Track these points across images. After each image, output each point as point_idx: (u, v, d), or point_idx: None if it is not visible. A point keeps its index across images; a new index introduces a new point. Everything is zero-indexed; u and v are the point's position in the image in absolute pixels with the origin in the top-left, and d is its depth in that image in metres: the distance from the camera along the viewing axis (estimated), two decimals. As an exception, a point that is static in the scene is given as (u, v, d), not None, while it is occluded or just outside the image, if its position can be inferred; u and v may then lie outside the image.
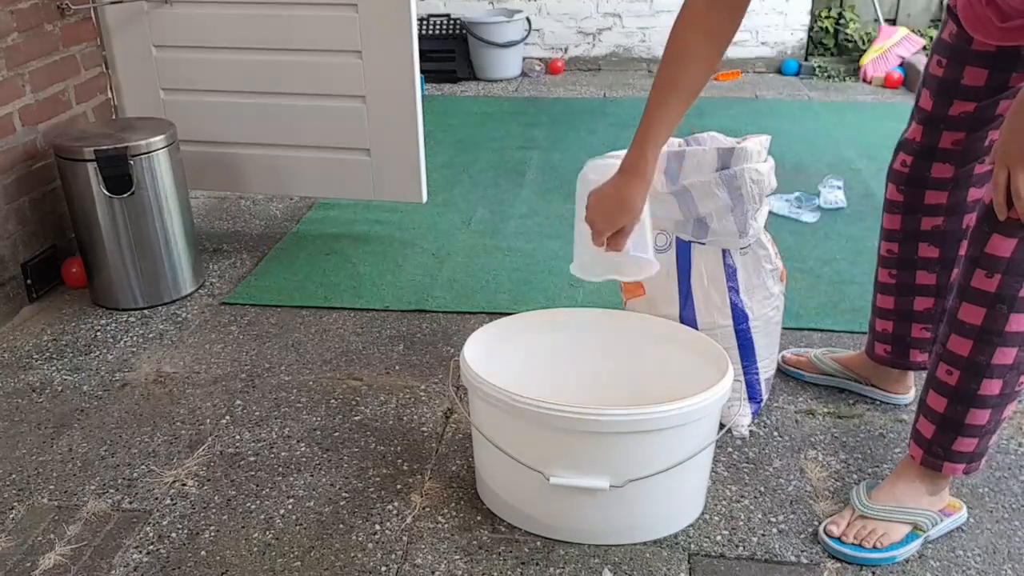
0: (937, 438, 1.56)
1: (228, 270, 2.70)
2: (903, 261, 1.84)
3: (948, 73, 1.65)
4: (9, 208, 2.43)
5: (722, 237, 1.78)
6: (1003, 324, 1.44)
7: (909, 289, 1.86)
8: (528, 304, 2.43)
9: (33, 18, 2.48)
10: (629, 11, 5.04)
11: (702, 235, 1.78)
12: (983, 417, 1.51)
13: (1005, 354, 1.46)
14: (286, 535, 1.64)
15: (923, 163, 1.73)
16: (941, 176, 1.73)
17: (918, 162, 1.74)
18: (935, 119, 1.70)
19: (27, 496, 1.75)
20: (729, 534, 1.63)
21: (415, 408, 2.02)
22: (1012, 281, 1.41)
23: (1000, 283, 1.42)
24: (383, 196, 2.83)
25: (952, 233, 1.77)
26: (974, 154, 1.70)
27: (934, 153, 1.72)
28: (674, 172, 1.78)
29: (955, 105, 1.66)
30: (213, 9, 2.65)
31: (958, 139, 1.69)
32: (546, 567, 1.56)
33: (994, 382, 1.48)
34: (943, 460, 1.57)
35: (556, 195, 3.24)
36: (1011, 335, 1.44)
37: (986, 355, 1.46)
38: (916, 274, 1.84)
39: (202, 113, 2.77)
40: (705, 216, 1.76)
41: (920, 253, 1.81)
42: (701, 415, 1.53)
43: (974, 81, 1.62)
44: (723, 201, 1.73)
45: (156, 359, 2.23)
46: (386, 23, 2.55)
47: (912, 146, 1.75)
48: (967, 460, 1.56)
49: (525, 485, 1.59)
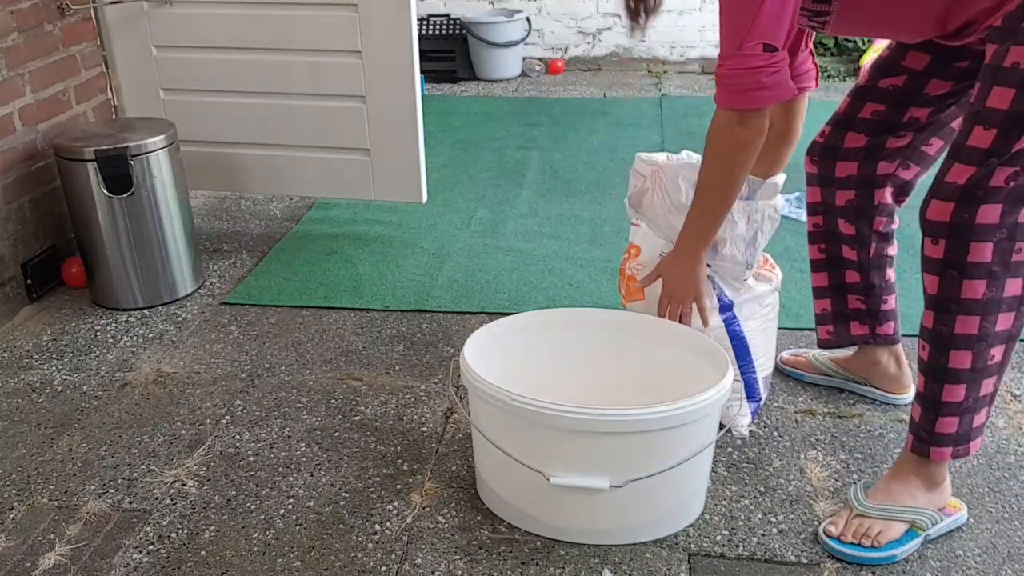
0: (921, 421, 1.57)
1: (228, 270, 2.70)
2: (828, 234, 1.89)
3: (893, 54, 1.71)
4: (9, 208, 2.43)
5: (729, 263, 1.78)
6: (957, 291, 1.45)
7: (839, 263, 1.90)
8: (528, 304, 2.43)
9: (33, 18, 2.49)
10: (629, 11, 5.04)
11: (711, 256, 1.77)
12: (958, 393, 1.51)
13: (966, 323, 1.46)
14: (286, 535, 1.64)
15: (839, 132, 1.78)
16: (853, 146, 1.77)
17: (834, 132, 1.80)
18: (864, 90, 1.75)
19: (27, 496, 1.75)
20: (729, 534, 1.63)
21: (415, 408, 2.02)
22: (956, 246, 1.43)
23: (945, 248, 1.44)
24: (383, 196, 2.83)
25: (864, 209, 1.81)
26: (888, 126, 1.73)
27: (852, 123, 1.76)
28: None
29: (886, 80, 1.71)
30: (213, 9, 2.65)
31: (878, 110, 1.73)
32: (546, 567, 1.56)
33: (962, 353, 1.48)
34: (929, 444, 1.57)
35: (556, 195, 3.24)
36: (968, 302, 1.45)
37: (947, 325, 1.47)
38: (841, 247, 1.88)
39: (202, 113, 2.77)
40: (718, 240, 1.75)
41: (840, 228, 1.86)
42: (701, 415, 1.53)
43: (914, 64, 1.67)
44: (739, 229, 1.74)
45: (156, 359, 2.23)
46: (386, 23, 2.55)
47: (835, 117, 1.80)
48: (952, 443, 1.56)
49: (525, 485, 1.59)
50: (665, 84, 4.74)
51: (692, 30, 4.99)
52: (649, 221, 1.86)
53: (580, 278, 2.59)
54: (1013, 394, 2.02)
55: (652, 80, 4.86)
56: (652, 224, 1.86)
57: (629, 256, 1.96)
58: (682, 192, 1.76)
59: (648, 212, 1.84)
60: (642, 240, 1.93)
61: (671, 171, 1.79)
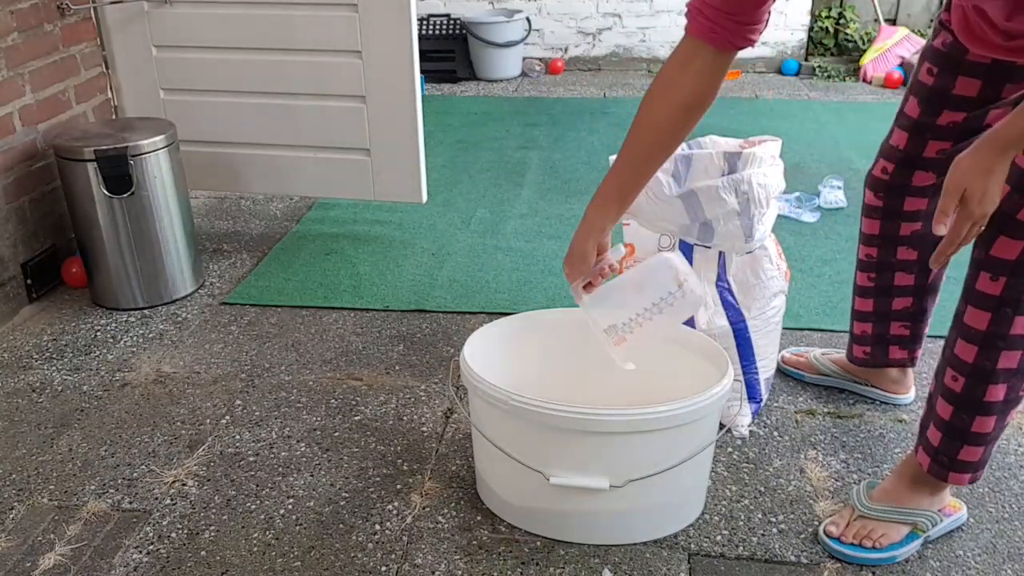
0: (944, 446, 1.55)
1: (228, 270, 2.70)
2: (882, 264, 1.84)
3: (939, 82, 1.61)
4: (9, 208, 2.43)
5: (728, 241, 1.78)
6: (1008, 328, 1.42)
7: (888, 291, 1.86)
8: (528, 304, 2.43)
9: (33, 18, 2.49)
10: (629, 11, 5.04)
11: (708, 238, 1.79)
12: (989, 424, 1.50)
13: (1009, 358, 1.45)
14: (286, 535, 1.64)
15: (905, 171, 1.72)
16: (923, 184, 1.71)
17: (900, 170, 1.72)
18: (922, 127, 1.66)
19: (27, 496, 1.75)
20: (729, 534, 1.63)
21: (415, 408, 2.02)
22: (1018, 283, 1.40)
23: (1005, 286, 1.41)
24: (383, 196, 2.83)
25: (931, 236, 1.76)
26: None
27: (917, 162, 1.70)
28: (681, 175, 1.78)
29: (944, 115, 1.63)
30: (213, 9, 2.65)
31: (943, 148, 1.65)
32: (546, 567, 1.56)
33: (999, 387, 1.47)
34: (948, 470, 1.56)
35: (556, 195, 3.24)
36: (1016, 338, 1.43)
37: (991, 360, 1.45)
38: (895, 275, 1.84)
39: (202, 113, 2.77)
40: (711, 220, 1.76)
41: (899, 256, 1.81)
42: (701, 415, 1.53)
43: (966, 91, 1.59)
44: (730, 205, 1.74)
45: (156, 359, 2.23)
46: (386, 23, 2.55)
47: (896, 153, 1.72)
48: (972, 470, 1.55)
49: (525, 485, 1.59)
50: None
51: (692, 30, 4.98)
52: (638, 218, 1.87)
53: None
54: (1013, 394, 2.02)
55: (651, 80, 4.86)
56: (642, 220, 1.86)
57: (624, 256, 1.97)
58: (663, 184, 1.77)
59: (635, 210, 1.84)
60: (634, 237, 1.94)
61: None
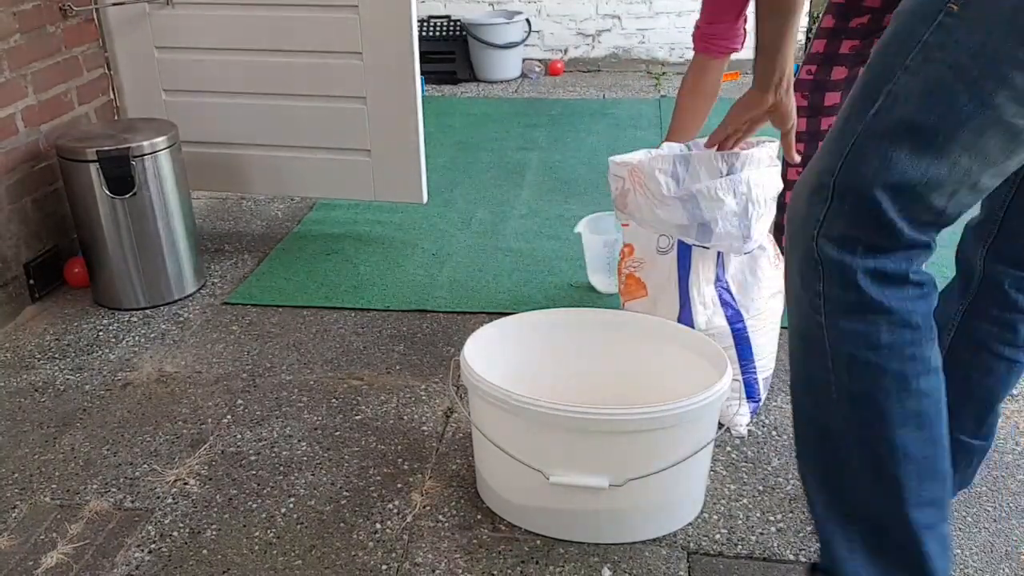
0: None
1: (230, 270, 2.71)
2: (808, 158, 2.08)
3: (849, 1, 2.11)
4: (12, 208, 2.44)
5: (726, 241, 1.79)
6: None
7: None
8: (528, 304, 2.44)
9: (35, 19, 2.49)
10: (629, 12, 5.05)
11: (706, 239, 1.79)
12: None
13: None
14: (287, 534, 1.65)
15: (825, 68, 2.15)
16: (838, 78, 2.10)
17: (821, 68, 2.16)
18: (837, 31, 2.11)
19: (29, 495, 1.76)
20: (728, 533, 1.64)
21: (415, 407, 2.03)
22: None
23: None
24: (384, 197, 2.84)
25: None
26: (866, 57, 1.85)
27: (834, 59, 2.14)
28: (680, 176, 1.79)
29: (854, 20, 2.10)
30: (214, 11, 2.66)
31: (855, 45, 2.12)
32: (546, 566, 1.57)
33: None
34: None
35: (556, 196, 3.24)
36: None
37: None
38: None
39: (204, 114, 2.78)
40: (710, 220, 1.76)
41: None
42: (700, 414, 1.54)
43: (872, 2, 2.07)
44: (728, 206, 1.74)
45: (158, 359, 2.24)
46: (386, 24, 2.55)
47: (817, 57, 2.15)
48: None
49: (525, 484, 1.59)
50: (664, 85, 4.75)
51: (690, 31, 4.99)
52: (637, 219, 1.87)
53: (580, 278, 2.60)
54: (1011, 394, 2.03)
55: (651, 81, 4.87)
56: (641, 221, 1.87)
57: (624, 256, 1.98)
58: (661, 184, 1.78)
59: (634, 210, 1.85)
60: (633, 238, 1.95)
61: (647, 167, 1.80)
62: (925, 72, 1.06)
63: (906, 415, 1.15)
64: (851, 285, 1.14)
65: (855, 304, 1.14)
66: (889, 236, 1.12)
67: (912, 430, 1.16)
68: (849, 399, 1.17)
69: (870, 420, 1.16)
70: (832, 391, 1.18)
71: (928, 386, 1.16)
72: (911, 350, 1.14)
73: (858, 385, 1.16)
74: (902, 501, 1.17)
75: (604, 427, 1.51)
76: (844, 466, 1.21)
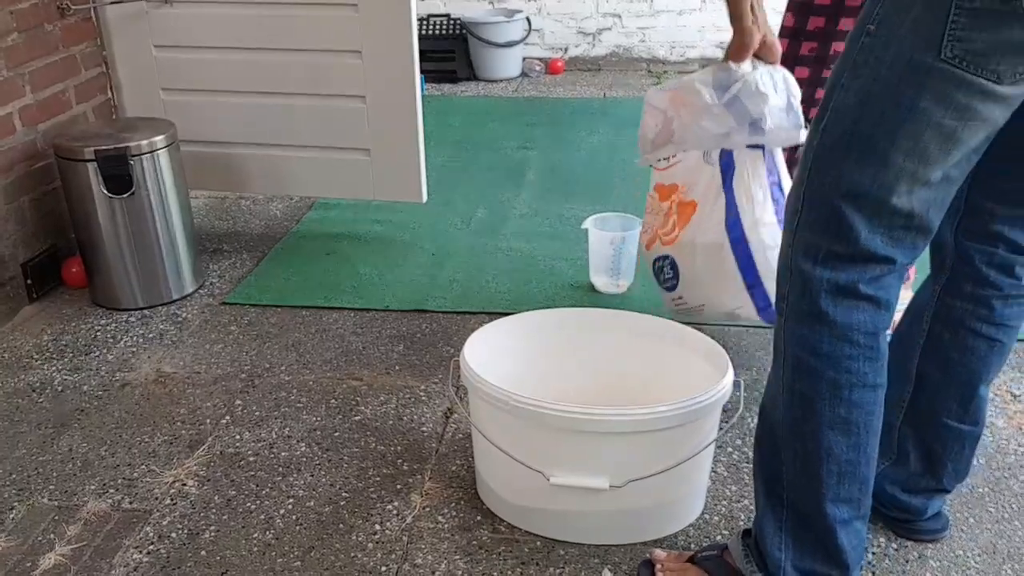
0: None
1: (228, 270, 2.70)
2: None
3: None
4: (9, 208, 2.43)
5: (782, 133, 1.80)
6: None
7: None
8: (528, 304, 2.43)
9: (33, 18, 2.49)
10: (629, 11, 5.04)
11: (759, 136, 1.81)
12: None
13: None
14: (286, 535, 1.64)
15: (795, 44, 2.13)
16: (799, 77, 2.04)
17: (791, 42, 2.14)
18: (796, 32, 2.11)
19: (27, 496, 1.76)
20: (729, 534, 1.63)
21: (415, 408, 2.02)
22: None
23: None
24: (383, 196, 2.83)
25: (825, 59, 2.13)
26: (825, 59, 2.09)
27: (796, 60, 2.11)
28: (724, 83, 1.80)
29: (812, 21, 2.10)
30: (213, 9, 2.65)
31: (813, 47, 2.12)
32: (546, 567, 1.56)
33: None
34: None
35: (556, 195, 3.24)
36: None
37: None
38: None
39: (202, 113, 2.77)
40: (759, 118, 1.78)
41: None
42: (701, 415, 1.53)
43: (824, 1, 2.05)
44: (773, 101, 1.76)
45: (156, 359, 2.23)
46: (386, 23, 2.55)
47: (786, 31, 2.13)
48: None
49: (525, 485, 1.59)
50: (665, 84, 4.74)
51: (692, 30, 4.99)
52: (679, 143, 1.89)
53: (580, 278, 2.59)
54: (1013, 394, 2.02)
55: (652, 80, 4.86)
56: (685, 142, 1.89)
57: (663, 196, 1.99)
58: (704, 95, 1.79)
59: (681, 134, 1.87)
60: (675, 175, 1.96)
61: (686, 85, 1.84)
62: (855, 87, 1.17)
63: (835, 419, 1.26)
64: (807, 292, 1.25)
65: (806, 312, 1.25)
66: (847, 242, 1.21)
67: (839, 434, 1.27)
68: (790, 394, 1.30)
69: (805, 416, 1.28)
70: (780, 385, 1.31)
71: (860, 398, 1.26)
72: (847, 363, 1.24)
73: (799, 384, 1.28)
74: (822, 495, 1.29)
75: (604, 428, 1.50)
76: (780, 453, 1.33)
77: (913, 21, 1.11)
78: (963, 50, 1.08)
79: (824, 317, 1.24)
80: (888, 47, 1.14)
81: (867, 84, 1.16)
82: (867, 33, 1.16)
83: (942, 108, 1.12)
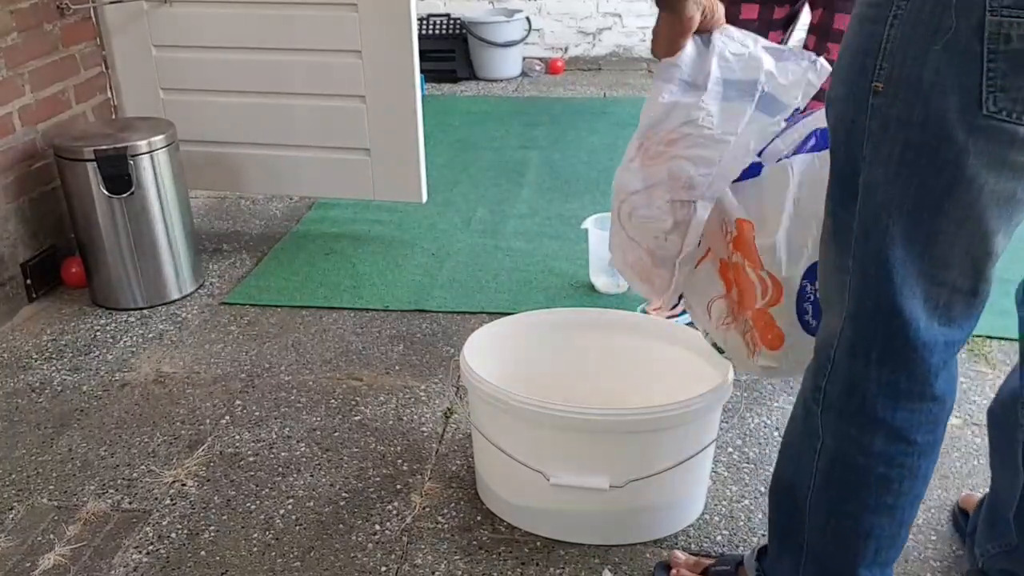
0: None
1: (228, 270, 2.70)
2: None
3: None
4: (9, 208, 2.43)
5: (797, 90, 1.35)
6: None
7: None
8: (528, 304, 2.43)
9: (33, 18, 2.48)
10: (629, 11, 5.04)
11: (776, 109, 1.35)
12: None
13: None
14: (286, 535, 1.64)
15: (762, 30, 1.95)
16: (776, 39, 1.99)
17: None
18: None
19: (27, 496, 1.75)
20: (729, 534, 1.63)
21: (415, 408, 2.02)
22: None
23: None
24: (383, 196, 2.83)
25: None
26: None
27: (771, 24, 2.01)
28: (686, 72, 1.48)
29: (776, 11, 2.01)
30: (213, 9, 2.65)
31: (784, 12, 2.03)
32: (546, 567, 1.56)
33: None
34: None
35: (556, 195, 3.23)
36: None
37: None
38: None
39: (202, 113, 2.77)
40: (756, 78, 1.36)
41: None
42: (701, 415, 1.53)
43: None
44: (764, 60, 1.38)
45: (156, 359, 2.23)
46: (386, 23, 2.54)
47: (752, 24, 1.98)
48: None
49: (525, 485, 1.58)
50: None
51: (692, 30, 4.98)
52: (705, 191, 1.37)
53: (580, 278, 2.59)
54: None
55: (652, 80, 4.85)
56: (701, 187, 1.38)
57: None
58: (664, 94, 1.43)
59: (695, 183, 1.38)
60: None
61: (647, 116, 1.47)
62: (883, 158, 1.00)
63: (881, 507, 1.15)
64: (856, 392, 1.10)
65: (855, 412, 1.11)
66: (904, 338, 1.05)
67: (883, 518, 1.15)
68: (825, 479, 1.16)
69: (843, 498, 1.16)
70: (813, 466, 1.17)
71: (910, 488, 1.14)
72: (901, 459, 1.11)
73: (838, 473, 1.15)
74: (855, 563, 1.19)
75: (605, 427, 1.50)
76: (803, 517, 1.21)
77: (935, 74, 0.95)
78: (1009, 100, 0.93)
79: (880, 421, 1.09)
80: (911, 107, 0.97)
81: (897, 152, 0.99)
82: (874, 93, 0.99)
83: (992, 172, 0.97)
